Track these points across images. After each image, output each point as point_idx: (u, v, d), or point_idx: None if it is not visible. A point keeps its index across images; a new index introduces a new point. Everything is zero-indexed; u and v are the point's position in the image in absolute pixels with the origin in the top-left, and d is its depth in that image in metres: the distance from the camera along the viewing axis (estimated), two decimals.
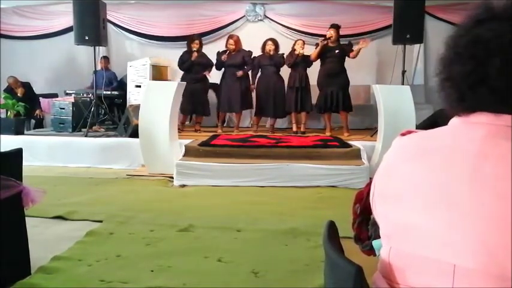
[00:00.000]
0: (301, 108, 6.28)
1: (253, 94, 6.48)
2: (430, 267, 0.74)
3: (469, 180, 0.71)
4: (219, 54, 6.37)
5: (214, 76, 6.57)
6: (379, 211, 0.86)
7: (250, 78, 6.44)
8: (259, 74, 6.42)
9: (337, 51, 6.06)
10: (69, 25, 6.96)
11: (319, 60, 6.21)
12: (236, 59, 6.25)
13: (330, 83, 6.06)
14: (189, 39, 6.48)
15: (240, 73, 6.21)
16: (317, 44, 6.16)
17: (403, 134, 0.86)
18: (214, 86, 6.65)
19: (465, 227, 0.70)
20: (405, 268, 0.78)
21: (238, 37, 6.49)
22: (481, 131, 0.75)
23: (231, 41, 6.32)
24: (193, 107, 6.36)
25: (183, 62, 6.38)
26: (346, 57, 6.11)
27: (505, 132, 0.73)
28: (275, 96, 6.31)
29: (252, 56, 6.36)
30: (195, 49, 6.27)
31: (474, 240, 0.69)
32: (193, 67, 6.33)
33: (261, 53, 6.38)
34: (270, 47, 6.28)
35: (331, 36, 6.04)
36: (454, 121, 0.81)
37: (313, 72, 6.31)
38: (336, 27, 6.11)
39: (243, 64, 6.29)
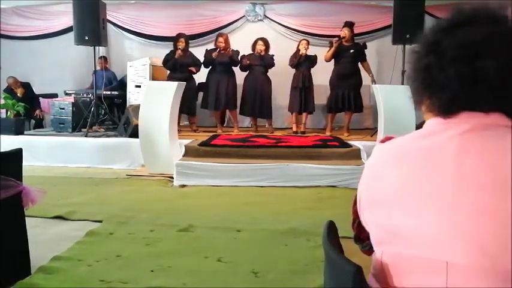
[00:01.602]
0: (305, 109, 6.27)
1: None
2: (423, 266, 0.74)
3: (453, 177, 0.73)
4: (207, 52, 6.36)
5: (203, 76, 6.53)
6: (367, 218, 0.87)
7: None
8: (247, 72, 6.40)
9: (351, 50, 5.99)
10: (69, 25, 6.96)
11: (322, 59, 6.15)
12: (225, 57, 6.23)
13: (342, 84, 6.00)
14: (175, 37, 6.47)
15: (229, 50, 6.17)
16: (331, 43, 6.05)
17: (382, 141, 0.88)
18: (202, 86, 6.61)
19: (454, 223, 0.71)
20: (399, 270, 0.79)
21: (227, 36, 6.51)
22: (459, 129, 0.77)
23: (221, 39, 6.31)
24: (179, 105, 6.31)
25: (167, 61, 6.36)
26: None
27: (482, 128, 0.76)
28: (261, 97, 6.30)
29: (241, 55, 6.35)
30: (179, 47, 6.26)
31: (464, 236, 0.70)
32: (178, 66, 6.30)
33: (250, 52, 6.35)
34: (260, 47, 6.27)
35: (345, 36, 5.97)
36: (430, 123, 0.84)
37: (316, 72, 6.30)
38: (349, 25, 6.02)
39: (230, 63, 6.28)
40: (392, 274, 0.79)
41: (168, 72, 6.48)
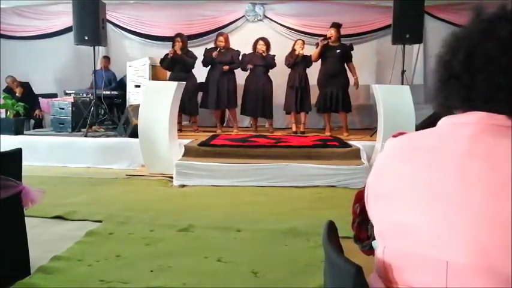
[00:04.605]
0: (301, 108, 6.27)
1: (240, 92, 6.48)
2: (423, 265, 0.75)
3: (459, 178, 0.73)
4: (207, 50, 6.35)
5: (202, 75, 6.53)
6: (372, 211, 0.88)
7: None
8: (248, 72, 6.39)
9: (338, 50, 6.03)
10: (69, 25, 6.95)
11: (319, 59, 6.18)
12: (226, 57, 6.24)
13: (330, 83, 6.04)
14: (173, 37, 6.45)
15: (226, 67, 6.21)
16: (317, 44, 6.12)
17: (394, 136, 0.89)
18: (202, 85, 6.59)
19: (456, 223, 0.71)
20: (400, 267, 0.79)
21: (227, 35, 6.52)
22: (468, 131, 0.76)
23: (221, 38, 6.31)
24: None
25: (163, 60, 6.37)
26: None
27: (492, 130, 0.75)
28: (263, 97, 6.30)
29: (242, 54, 6.35)
30: (174, 47, 6.23)
31: (465, 236, 0.70)
32: (175, 66, 6.29)
33: (251, 52, 6.34)
34: (261, 47, 6.26)
35: (332, 36, 6.02)
36: (443, 121, 0.83)
37: (314, 72, 6.30)
38: (336, 26, 6.07)
39: (231, 63, 6.28)
40: (393, 271, 0.80)
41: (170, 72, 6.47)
